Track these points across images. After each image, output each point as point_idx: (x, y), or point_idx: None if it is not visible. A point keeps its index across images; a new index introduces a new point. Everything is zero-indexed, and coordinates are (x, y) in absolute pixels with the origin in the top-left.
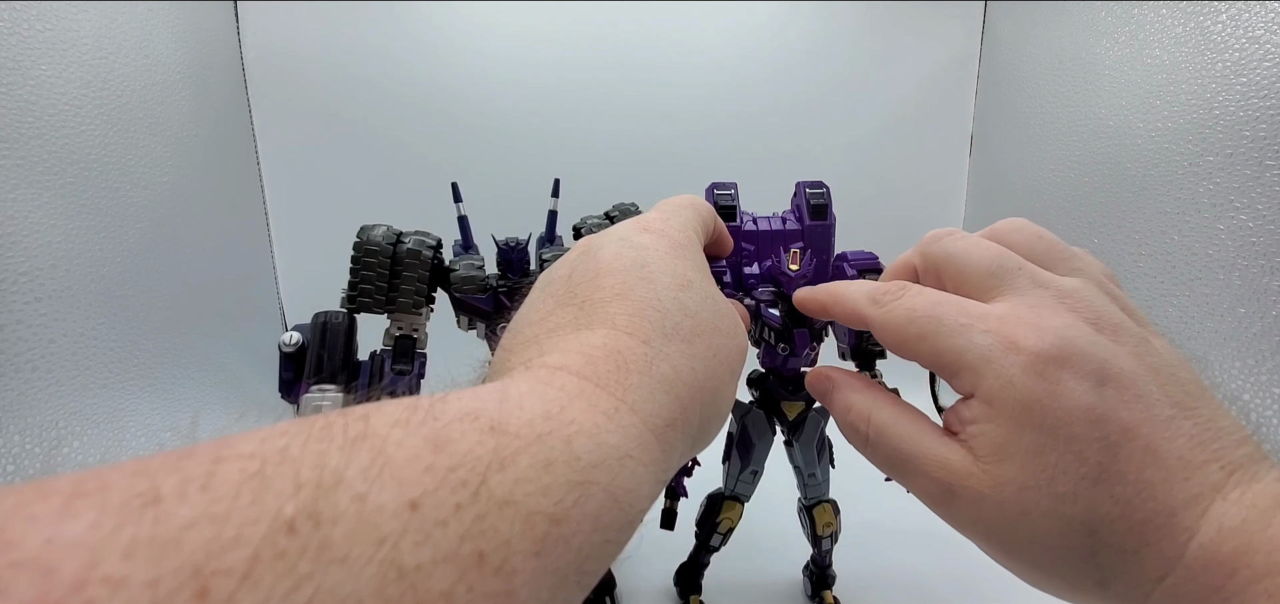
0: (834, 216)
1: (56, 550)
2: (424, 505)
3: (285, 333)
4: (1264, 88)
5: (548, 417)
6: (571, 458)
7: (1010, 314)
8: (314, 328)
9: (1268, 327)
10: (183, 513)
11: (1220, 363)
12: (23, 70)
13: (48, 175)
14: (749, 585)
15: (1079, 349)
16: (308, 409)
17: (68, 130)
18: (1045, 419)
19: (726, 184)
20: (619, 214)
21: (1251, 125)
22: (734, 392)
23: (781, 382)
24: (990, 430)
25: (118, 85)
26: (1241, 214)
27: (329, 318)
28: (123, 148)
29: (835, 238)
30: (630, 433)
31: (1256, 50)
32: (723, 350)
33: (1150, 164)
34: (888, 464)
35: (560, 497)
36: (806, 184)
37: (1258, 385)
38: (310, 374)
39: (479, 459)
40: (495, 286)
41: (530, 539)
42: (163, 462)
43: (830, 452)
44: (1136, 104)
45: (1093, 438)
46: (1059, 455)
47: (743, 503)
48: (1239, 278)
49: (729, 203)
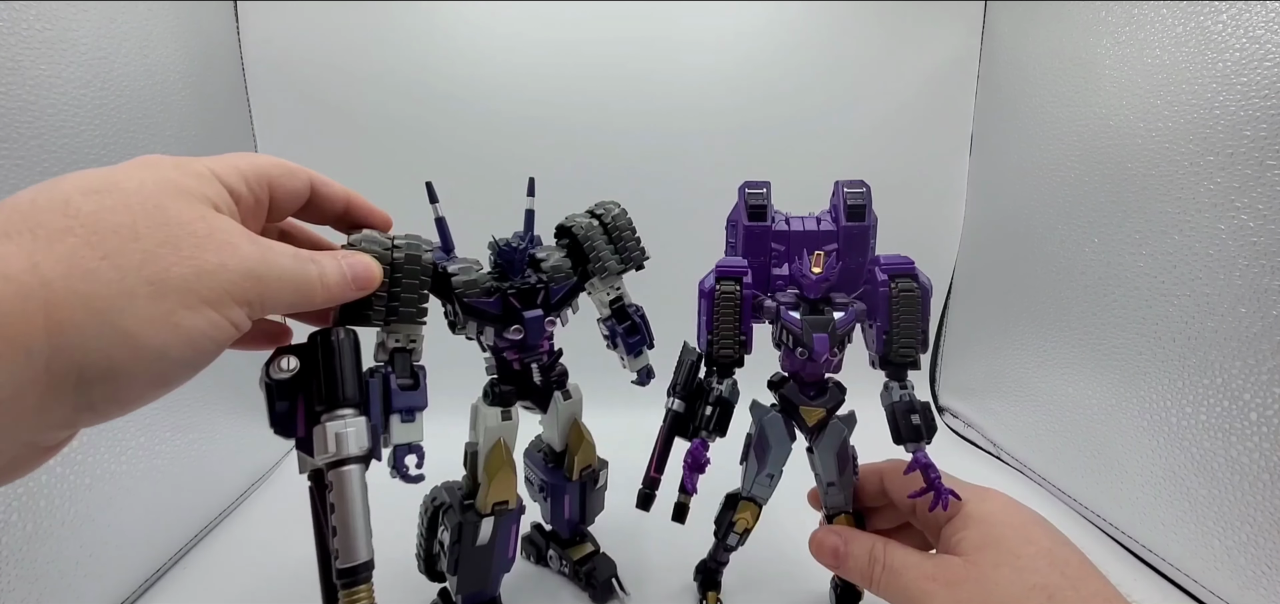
0: (874, 218)
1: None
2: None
3: (277, 361)
4: (1264, 88)
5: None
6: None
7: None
8: (315, 349)
9: (1268, 326)
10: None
11: (1220, 363)
12: (23, 70)
13: (48, 175)
14: (774, 590)
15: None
16: (330, 439)
17: (68, 130)
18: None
19: (759, 183)
20: (602, 211)
21: (1251, 125)
22: (175, 311)
23: (802, 386)
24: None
25: (118, 85)
26: (1242, 214)
27: (332, 336)
28: (123, 148)
29: (875, 240)
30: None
31: (1256, 50)
32: (130, 254)
33: (1150, 164)
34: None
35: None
36: (846, 184)
37: (1258, 385)
38: (320, 401)
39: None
40: (503, 289)
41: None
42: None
43: (854, 464)
44: (1136, 104)
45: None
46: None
47: (759, 505)
48: (1239, 278)
49: (758, 203)
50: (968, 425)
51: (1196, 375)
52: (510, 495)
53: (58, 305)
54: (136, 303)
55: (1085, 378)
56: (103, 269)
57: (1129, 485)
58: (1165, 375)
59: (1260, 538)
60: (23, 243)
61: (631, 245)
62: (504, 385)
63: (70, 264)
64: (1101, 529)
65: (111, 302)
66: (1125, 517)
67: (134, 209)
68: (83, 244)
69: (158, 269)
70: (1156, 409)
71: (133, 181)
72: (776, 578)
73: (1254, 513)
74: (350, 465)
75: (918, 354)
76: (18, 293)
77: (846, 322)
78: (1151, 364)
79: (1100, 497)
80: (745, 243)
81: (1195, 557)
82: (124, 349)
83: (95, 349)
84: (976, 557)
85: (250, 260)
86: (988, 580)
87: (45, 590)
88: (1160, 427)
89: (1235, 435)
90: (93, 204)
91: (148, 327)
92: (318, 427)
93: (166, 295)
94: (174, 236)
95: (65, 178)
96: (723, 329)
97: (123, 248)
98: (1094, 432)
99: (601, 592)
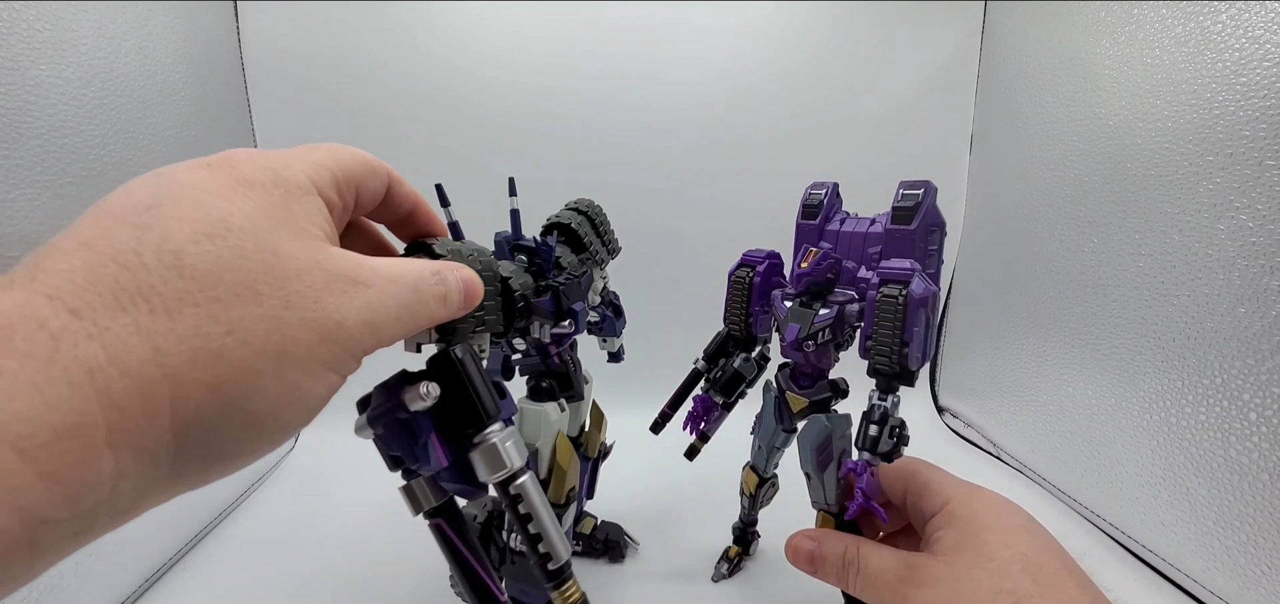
0: (931, 224)
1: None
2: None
3: (414, 389)
4: (1264, 88)
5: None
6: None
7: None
8: (448, 372)
9: (1268, 326)
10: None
11: (1219, 363)
12: (23, 70)
13: (48, 175)
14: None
15: None
16: (504, 455)
17: (68, 130)
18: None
19: (821, 184)
20: (586, 208)
21: (1251, 125)
22: (301, 382)
23: (795, 375)
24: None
25: (118, 85)
26: (1241, 214)
27: (463, 352)
28: (123, 148)
29: (938, 247)
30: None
31: (1256, 50)
32: (257, 325)
33: (1150, 164)
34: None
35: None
36: (905, 184)
37: (1258, 385)
38: (472, 422)
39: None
40: (554, 284)
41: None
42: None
43: (839, 464)
44: (1136, 104)
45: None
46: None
47: (758, 473)
48: (1239, 278)
49: (810, 201)
50: (968, 425)
51: (1196, 375)
52: (577, 481)
53: (184, 399)
54: (264, 382)
55: (1085, 378)
56: (229, 347)
57: (1129, 485)
58: (1165, 375)
59: (1260, 538)
60: (139, 317)
61: (611, 237)
62: (547, 381)
63: (196, 346)
64: (1101, 529)
65: (240, 386)
66: (1125, 516)
67: (250, 257)
68: (207, 317)
69: (283, 340)
70: (1156, 409)
71: (241, 217)
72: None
73: (1254, 513)
74: (523, 475)
75: (893, 365)
76: (139, 390)
77: (825, 318)
78: (1151, 364)
79: (1100, 497)
80: (795, 237)
81: (1195, 557)
82: (249, 433)
83: (221, 437)
84: (953, 558)
85: (369, 308)
86: (959, 582)
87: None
88: (1160, 427)
89: (1235, 435)
90: (207, 257)
91: (273, 406)
92: (481, 448)
93: (292, 368)
94: (294, 294)
95: (161, 206)
96: (732, 309)
97: (247, 316)
98: (1094, 432)
99: (616, 551)
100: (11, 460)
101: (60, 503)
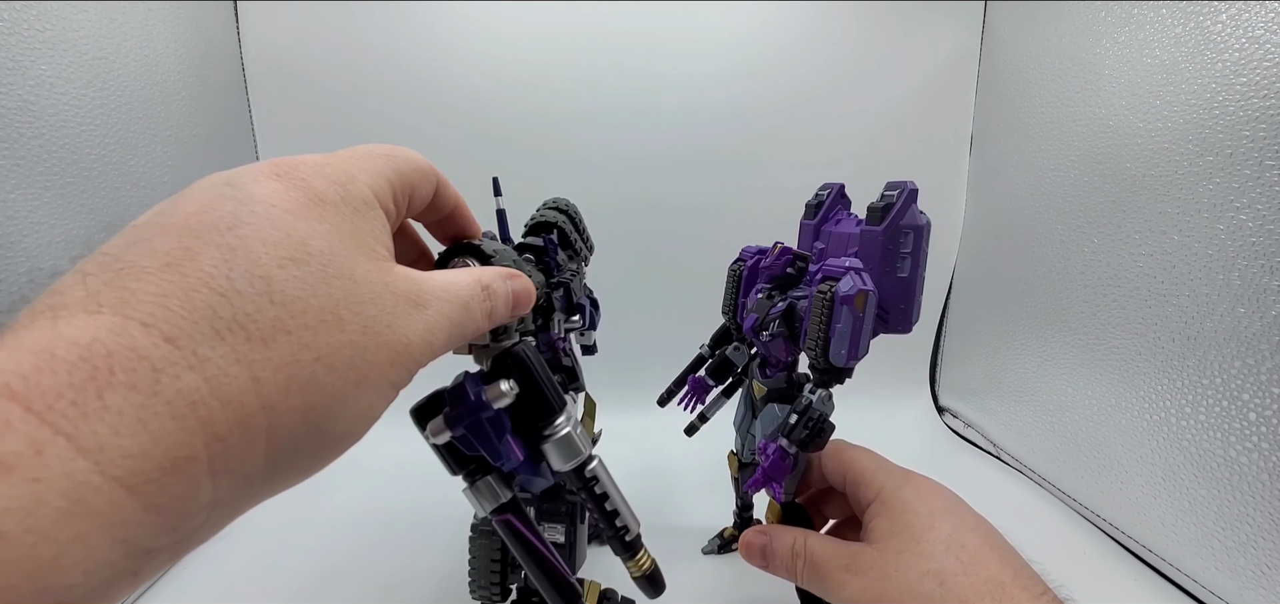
0: (904, 226)
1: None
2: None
3: (496, 386)
4: (1264, 88)
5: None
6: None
7: None
8: (518, 368)
9: (1267, 326)
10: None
11: (1219, 363)
12: (23, 70)
13: (48, 175)
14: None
15: None
16: (578, 442)
17: (68, 130)
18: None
19: (830, 184)
20: (566, 206)
21: (1251, 125)
22: (373, 402)
23: (763, 363)
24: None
25: (118, 85)
26: (1241, 214)
27: (524, 349)
28: (123, 148)
29: (898, 247)
30: (59, 484)
31: (1256, 50)
32: (342, 351)
33: (1150, 164)
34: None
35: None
36: (889, 185)
37: (1257, 385)
38: (543, 414)
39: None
40: (565, 282)
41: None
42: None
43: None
44: (1136, 104)
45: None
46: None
47: (737, 455)
48: (1239, 278)
49: (813, 200)
50: (968, 425)
51: (1196, 375)
52: None
53: (278, 426)
54: (346, 406)
55: (1085, 378)
56: (319, 375)
57: (1128, 485)
58: (1165, 375)
59: (1260, 538)
60: (236, 345)
61: (587, 235)
62: (557, 375)
63: (290, 376)
64: (1101, 529)
65: (326, 411)
66: (1125, 516)
67: (332, 283)
68: (299, 345)
69: (363, 365)
70: (1156, 409)
71: (319, 239)
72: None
73: (1254, 513)
74: (594, 459)
75: (819, 359)
76: (239, 421)
77: (777, 311)
78: (1151, 364)
79: (1100, 496)
80: (799, 235)
81: (1195, 556)
82: (327, 451)
83: (306, 456)
84: (885, 545)
85: (429, 330)
86: (889, 568)
87: None
88: (1160, 427)
89: (1234, 436)
90: (294, 283)
91: (351, 426)
92: (554, 439)
93: (368, 390)
94: (370, 319)
95: (244, 225)
96: (726, 299)
97: (333, 343)
98: (1094, 432)
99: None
100: (119, 495)
101: (163, 532)
